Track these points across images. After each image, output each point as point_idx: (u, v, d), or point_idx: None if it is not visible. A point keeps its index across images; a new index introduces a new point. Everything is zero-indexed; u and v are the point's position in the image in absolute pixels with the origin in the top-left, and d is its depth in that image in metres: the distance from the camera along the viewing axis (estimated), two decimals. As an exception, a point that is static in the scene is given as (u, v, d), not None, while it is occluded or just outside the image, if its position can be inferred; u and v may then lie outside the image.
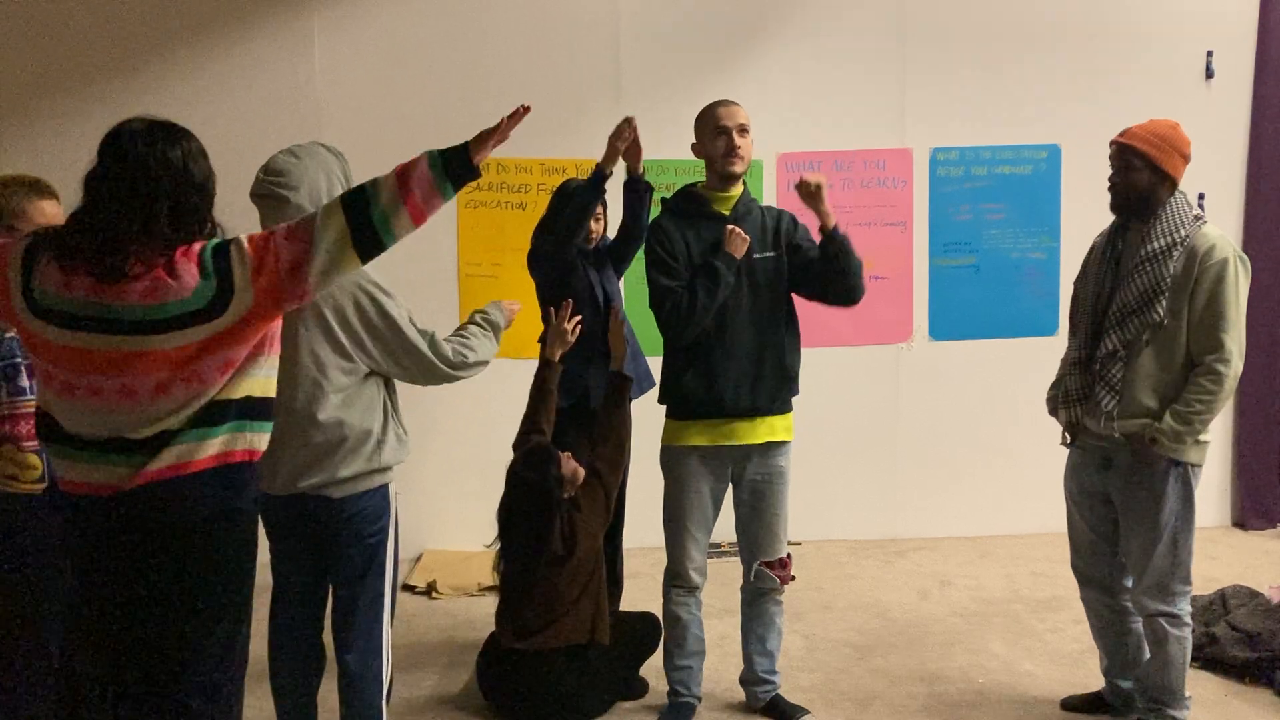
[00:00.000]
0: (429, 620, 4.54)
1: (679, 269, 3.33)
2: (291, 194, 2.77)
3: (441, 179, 2.29)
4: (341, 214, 2.24)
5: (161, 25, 5.14)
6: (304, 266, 2.21)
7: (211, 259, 2.19)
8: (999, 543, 5.41)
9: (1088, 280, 3.36)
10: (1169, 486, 3.16)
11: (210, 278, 2.17)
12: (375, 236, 2.26)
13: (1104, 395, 3.20)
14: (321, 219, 2.24)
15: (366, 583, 2.93)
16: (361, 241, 2.25)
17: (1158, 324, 3.11)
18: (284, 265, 2.20)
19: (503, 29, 5.27)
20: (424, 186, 2.28)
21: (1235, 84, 5.51)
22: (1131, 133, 3.21)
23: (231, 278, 2.18)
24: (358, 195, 2.27)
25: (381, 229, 2.26)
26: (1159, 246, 3.12)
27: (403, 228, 2.29)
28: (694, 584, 3.49)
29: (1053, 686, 3.78)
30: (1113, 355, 3.18)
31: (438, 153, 2.31)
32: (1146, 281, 3.12)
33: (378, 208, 2.25)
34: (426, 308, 5.23)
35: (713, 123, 3.35)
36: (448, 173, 2.30)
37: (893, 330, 5.53)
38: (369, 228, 2.25)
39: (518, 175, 5.28)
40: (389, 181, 2.27)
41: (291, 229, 2.25)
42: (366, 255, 2.27)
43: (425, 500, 5.24)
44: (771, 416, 3.43)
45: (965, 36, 5.42)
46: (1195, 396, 3.09)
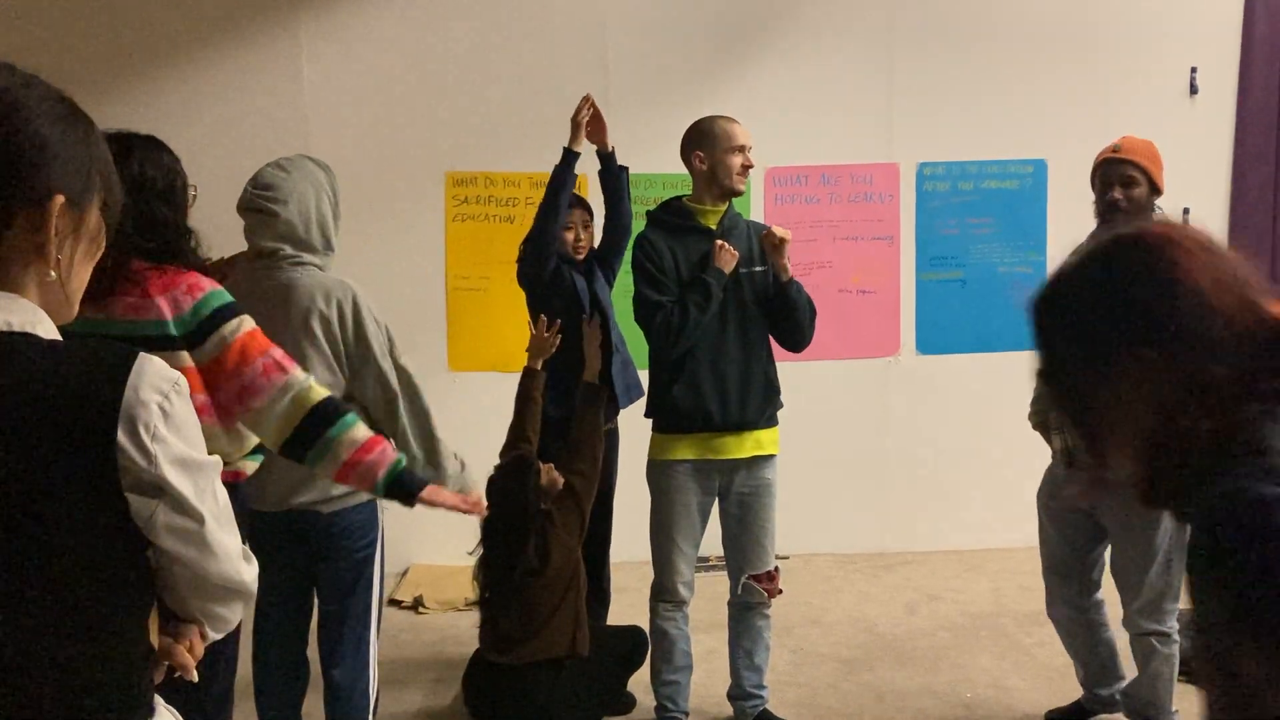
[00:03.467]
0: (415, 635, 4.52)
1: (667, 283, 3.33)
2: (280, 208, 2.76)
3: (381, 487, 2.33)
4: (299, 420, 2.27)
5: (147, 37, 5.13)
6: (248, 403, 2.25)
7: (209, 309, 2.23)
8: (987, 557, 5.41)
9: None
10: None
11: (196, 319, 2.20)
12: (300, 457, 2.30)
13: None
14: (291, 399, 2.26)
15: (354, 598, 2.92)
16: (289, 447, 2.29)
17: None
18: (240, 383, 2.24)
19: (491, 44, 5.28)
20: (366, 477, 2.31)
21: (1219, 100, 5.55)
22: (1128, 148, 3.23)
23: (209, 337, 2.23)
24: (326, 421, 2.28)
25: (310, 458, 2.29)
26: None
27: (322, 473, 2.35)
28: (681, 598, 3.48)
29: (1039, 700, 3.78)
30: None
31: (400, 469, 2.33)
32: None
33: (322, 449, 2.27)
34: (414, 321, 5.27)
35: (730, 139, 3.35)
36: (388, 487, 2.33)
37: (880, 344, 5.54)
38: (301, 449, 2.28)
39: (505, 188, 5.28)
40: (353, 444, 2.28)
41: (274, 368, 2.28)
42: (282, 453, 2.31)
43: (412, 514, 5.16)
44: (759, 430, 3.43)
45: (952, 52, 5.44)
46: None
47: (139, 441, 1.13)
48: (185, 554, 1.21)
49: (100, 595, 1.14)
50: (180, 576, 1.24)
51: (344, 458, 2.28)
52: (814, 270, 5.43)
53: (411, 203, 5.27)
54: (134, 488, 1.14)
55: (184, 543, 1.20)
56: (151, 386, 1.14)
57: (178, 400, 1.17)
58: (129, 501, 1.14)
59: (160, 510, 1.16)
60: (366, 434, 2.32)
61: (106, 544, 1.14)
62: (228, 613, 1.33)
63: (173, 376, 1.18)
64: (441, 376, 5.31)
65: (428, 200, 5.26)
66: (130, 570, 1.18)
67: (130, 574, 1.18)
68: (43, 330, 1.14)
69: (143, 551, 1.19)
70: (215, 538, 1.23)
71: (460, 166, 5.26)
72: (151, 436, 1.14)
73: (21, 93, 1.15)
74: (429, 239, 5.29)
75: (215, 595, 1.29)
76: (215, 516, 1.23)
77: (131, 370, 1.14)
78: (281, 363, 2.29)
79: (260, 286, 2.77)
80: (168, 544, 1.19)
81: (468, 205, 5.25)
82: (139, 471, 1.13)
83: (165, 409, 1.15)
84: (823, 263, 5.44)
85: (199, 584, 1.26)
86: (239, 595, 1.32)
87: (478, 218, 5.29)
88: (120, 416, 1.12)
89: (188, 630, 1.33)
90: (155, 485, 1.15)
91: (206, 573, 1.25)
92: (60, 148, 1.16)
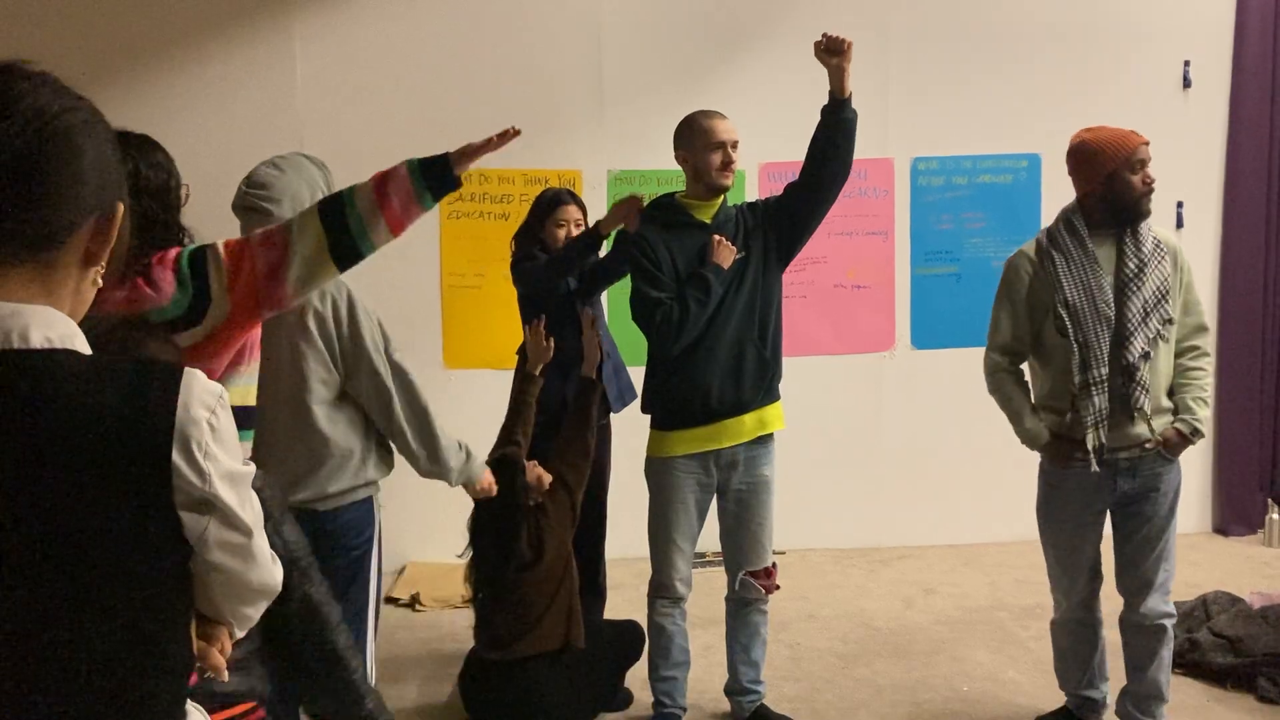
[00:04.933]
0: (412, 633, 4.52)
1: (665, 280, 3.33)
2: (274, 206, 2.75)
3: (421, 188, 2.26)
4: (318, 221, 2.22)
5: (140, 35, 5.13)
6: (280, 273, 2.19)
7: (188, 267, 2.18)
8: (983, 550, 5.42)
9: (1085, 293, 3.16)
10: (1177, 489, 3.24)
11: (187, 286, 2.16)
12: (353, 245, 2.23)
13: (1140, 396, 3.13)
14: (298, 226, 2.22)
15: (350, 595, 2.91)
16: (339, 250, 2.22)
17: (1170, 320, 3.16)
18: (260, 272, 2.18)
19: (485, 41, 5.27)
20: (402, 195, 2.24)
21: (1212, 93, 5.57)
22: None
23: (208, 285, 2.17)
24: (334, 203, 2.24)
25: (359, 238, 2.23)
26: (1151, 246, 3.17)
27: (380, 237, 2.26)
28: (679, 595, 3.48)
29: (1036, 694, 3.79)
30: (1145, 356, 3.14)
31: (417, 161, 2.27)
32: (1159, 278, 3.15)
33: (355, 216, 2.22)
34: (409, 319, 5.27)
35: (708, 136, 3.34)
36: (427, 182, 2.27)
37: (875, 339, 5.55)
38: (346, 236, 2.22)
39: (500, 185, 5.28)
40: (366, 189, 2.24)
41: (268, 235, 2.23)
42: (344, 264, 2.25)
43: (409, 512, 5.21)
44: (759, 409, 3.42)
45: (946, 47, 5.45)
46: (1205, 380, 3.21)
47: (193, 460, 1.13)
48: (231, 565, 1.22)
49: (149, 609, 1.14)
50: (218, 584, 1.24)
51: (373, 198, 2.21)
52: (808, 266, 5.44)
53: (406, 200, 5.25)
54: (186, 505, 1.14)
55: (231, 555, 1.21)
56: (201, 403, 1.15)
57: (223, 414, 1.18)
58: (182, 519, 1.14)
59: (212, 526, 1.17)
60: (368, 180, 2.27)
61: (157, 560, 1.14)
62: (255, 612, 1.34)
63: (217, 390, 1.18)
64: (437, 374, 5.31)
65: (422, 198, 5.25)
66: (175, 582, 1.18)
67: (175, 585, 1.18)
68: (80, 344, 1.14)
69: (186, 562, 1.19)
70: (258, 546, 1.24)
71: (454, 164, 5.25)
72: (204, 454, 1.14)
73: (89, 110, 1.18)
74: (424, 236, 5.27)
75: (250, 599, 1.30)
76: (256, 525, 1.23)
77: (181, 388, 1.14)
78: (266, 231, 2.23)
79: (256, 285, 2.76)
80: (216, 557, 1.19)
81: (462, 203, 5.25)
82: (192, 489, 1.14)
83: (213, 424, 1.16)
84: (817, 258, 5.44)
85: (238, 590, 1.26)
86: (268, 596, 1.33)
87: (472, 215, 5.29)
88: (175, 437, 1.12)
89: (219, 632, 1.34)
90: (207, 502, 1.15)
91: (248, 580, 1.25)
92: (115, 158, 1.19)
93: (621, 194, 5.24)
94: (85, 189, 1.14)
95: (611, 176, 5.34)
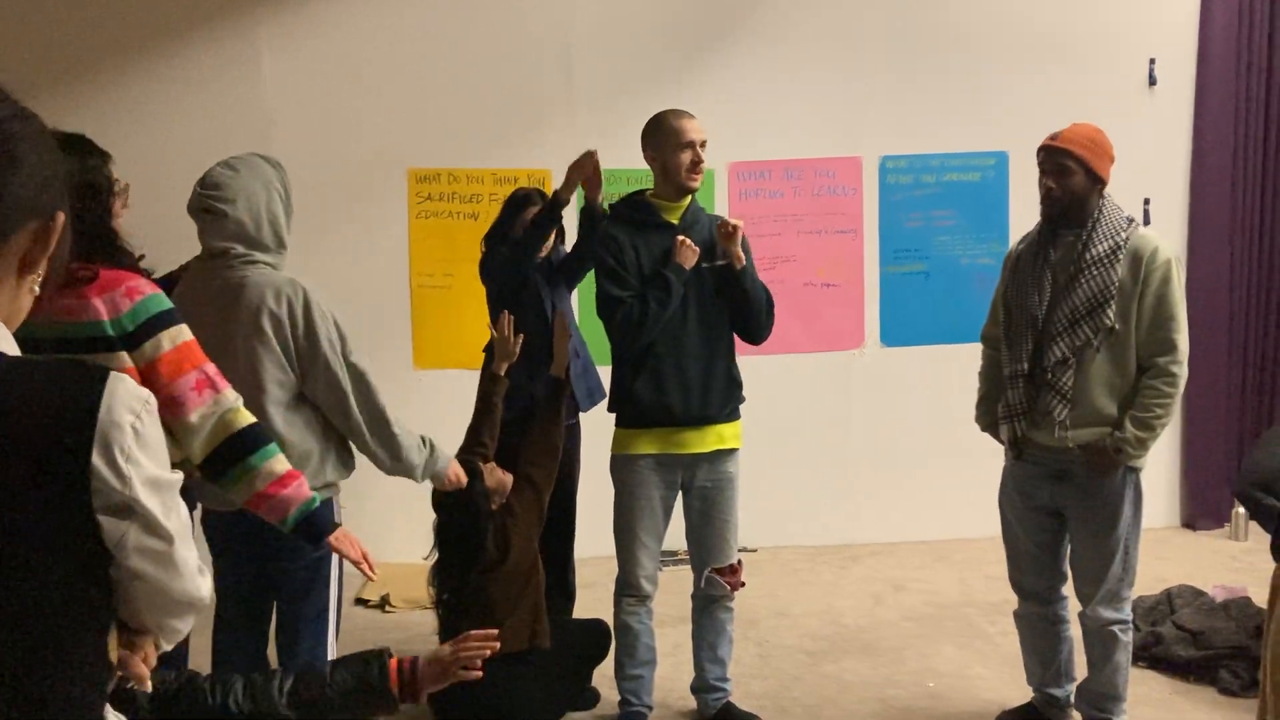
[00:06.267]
0: (381, 634, 4.50)
1: (629, 278, 3.33)
2: (229, 208, 2.74)
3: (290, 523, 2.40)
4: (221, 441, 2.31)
5: (105, 37, 5.09)
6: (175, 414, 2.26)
7: (148, 314, 2.24)
8: (954, 547, 5.44)
9: (1020, 291, 3.26)
10: (1125, 496, 3.16)
11: (134, 322, 2.21)
12: (217, 477, 2.33)
13: (1056, 404, 3.13)
14: (217, 420, 2.30)
15: (311, 598, 2.91)
16: (208, 465, 2.33)
17: (1109, 329, 3.07)
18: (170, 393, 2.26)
19: (455, 40, 5.26)
20: (276, 510, 2.38)
21: (1177, 91, 5.60)
22: (1065, 136, 3.14)
23: (144, 342, 2.24)
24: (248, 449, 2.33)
25: (226, 481, 2.34)
26: (1102, 251, 3.09)
27: (234, 497, 2.38)
28: (645, 593, 3.49)
29: (1003, 689, 3.81)
30: (1063, 363, 3.12)
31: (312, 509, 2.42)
32: (1095, 286, 3.08)
33: (238, 474, 2.33)
34: (378, 319, 5.25)
35: (677, 136, 3.33)
36: (296, 526, 2.41)
37: (845, 337, 5.56)
38: (219, 470, 2.33)
39: (469, 185, 5.27)
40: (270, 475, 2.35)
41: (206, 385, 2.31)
42: (201, 469, 2.34)
43: (379, 513, 5.20)
44: (720, 425, 3.44)
45: (914, 46, 5.47)
46: (1155, 401, 3.07)
47: (114, 463, 1.12)
48: (152, 573, 1.21)
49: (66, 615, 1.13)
50: (141, 593, 1.23)
51: (259, 488, 2.34)
52: (778, 264, 5.45)
53: (374, 200, 5.25)
54: (106, 509, 1.13)
55: (152, 562, 1.20)
56: (125, 406, 1.14)
57: (149, 419, 1.17)
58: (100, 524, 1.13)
59: (131, 531, 1.16)
60: (285, 467, 2.38)
61: (73, 564, 1.13)
62: (182, 625, 1.33)
63: (144, 395, 1.17)
64: (406, 375, 5.30)
65: (391, 197, 5.24)
66: (94, 589, 1.17)
67: (94, 592, 1.17)
68: (6, 346, 1.14)
69: (106, 569, 1.18)
70: (181, 555, 1.23)
71: (423, 163, 5.24)
72: (126, 458, 1.13)
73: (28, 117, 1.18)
74: (392, 236, 5.27)
75: (174, 610, 1.29)
76: (180, 534, 1.22)
77: (105, 390, 1.13)
78: (214, 380, 2.31)
79: (211, 286, 2.75)
80: (136, 564, 1.18)
81: (431, 202, 5.24)
82: (111, 493, 1.13)
83: (138, 429, 1.14)
84: (787, 256, 5.45)
85: (160, 600, 1.25)
86: (195, 608, 1.32)
87: (441, 215, 5.28)
88: (95, 438, 1.11)
89: (143, 642, 1.33)
90: (127, 507, 1.14)
91: (169, 590, 1.24)
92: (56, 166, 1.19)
93: (590, 193, 5.29)
94: (24, 195, 1.13)
95: (581, 176, 5.33)
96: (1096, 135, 3.18)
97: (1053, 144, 3.16)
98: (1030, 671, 3.52)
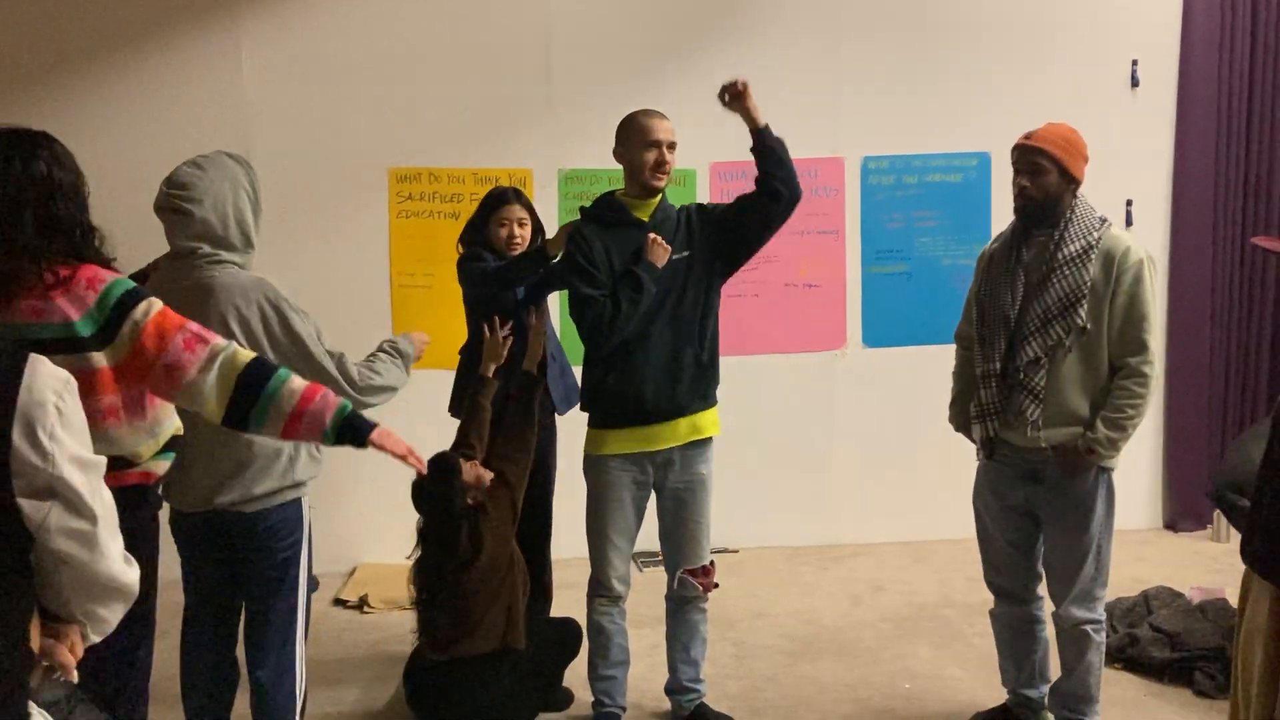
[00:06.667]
0: (358, 634, 4.49)
1: (600, 277, 3.32)
2: (195, 207, 2.73)
3: (330, 434, 2.31)
4: (234, 384, 2.26)
5: (84, 32, 5.07)
6: (177, 378, 2.23)
7: (114, 299, 2.20)
8: (934, 548, 5.43)
9: (993, 290, 3.27)
10: (1098, 496, 3.16)
11: (103, 312, 2.18)
12: (244, 420, 2.29)
13: (1028, 404, 3.13)
14: (221, 365, 2.25)
15: (279, 598, 2.90)
16: (232, 414, 2.28)
17: (1081, 329, 3.07)
18: (164, 363, 2.22)
19: (436, 40, 5.24)
20: (311, 425, 2.30)
21: (1160, 92, 5.59)
22: (1040, 135, 3.13)
23: (121, 327, 2.19)
24: (261, 379, 2.28)
25: (255, 420, 2.29)
26: (1075, 250, 3.09)
27: (269, 431, 2.33)
28: (617, 593, 3.48)
29: (978, 690, 3.81)
30: (1035, 363, 3.12)
31: (348, 413, 2.32)
32: (1067, 286, 3.08)
33: (265, 403, 2.27)
34: (358, 319, 5.23)
35: (644, 135, 3.34)
36: (340, 430, 2.32)
37: (827, 337, 5.56)
38: (245, 411, 2.28)
39: (451, 185, 5.26)
40: (293, 395, 2.28)
41: (195, 340, 2.26)
42: (226, 421, 2.29)
43: (359, 513, 5.20)
44: (694, 414, 3.42)
45: (896, 45, 5.46)
46: (1126, 401, 3.07)
47: (36, 442, 1.12)
48: (76, 555, 1.20)
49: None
50: (66, 578, 1.22)
51: (288, 409, 2.27)
52: (760, 265, 5.42)
53: (355, 199, 5.24)
54: (27, 491, 1.12)
55: (76, 543, 1.19)
56: (47, 386, 1.13)
57: (70, 399, 1.16)
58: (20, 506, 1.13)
59: (54, 512, 1.15)
60: (304, 383, 2.32)
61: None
62: (109, 614, 1.32)
63: (64, 375, 1.17)
64: (387, 374, 5.28)
65: (371, 197, 5.23)
66: (14, 574, 1.16)
67: (14, 578, 1.16)
68: None
69: (26, 554, 1.17)
70: (104, 538, 1.22)
71: (403, 162, 5.23)
72: (49, 436, 1.12)
73: None
74: (373, 236, 5.26)
75: (100, 596, 1.28)
76: (104, 517, 1.22)
77: (25, 370, 1.12)
78: (200, 334, 2.28)
79: (179, 286, 2.74)
80: (59, 545, 1.17)
81: (411, 202, 5.23)
82: (34, 474, 1.12)
83: (60, 408, 1.14)
84: (768, 257, 5.41)
85: (85, 585, 1.24)
86: (122, 596, 1.31)
87: (422, 214, 5.26)
88: (16, 417, 1.10)
89: (69, 631, 1.32)
90: (49, 487, 1.13)
91: (95, 573, 1.23)
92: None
93: (572, 193, 5.28)
94: None
95: (562, 175, 5.33)
96: (1071, 134, 3.17)
97: (1027, 143, 3.15)
98: (1005, 672, 3.52)
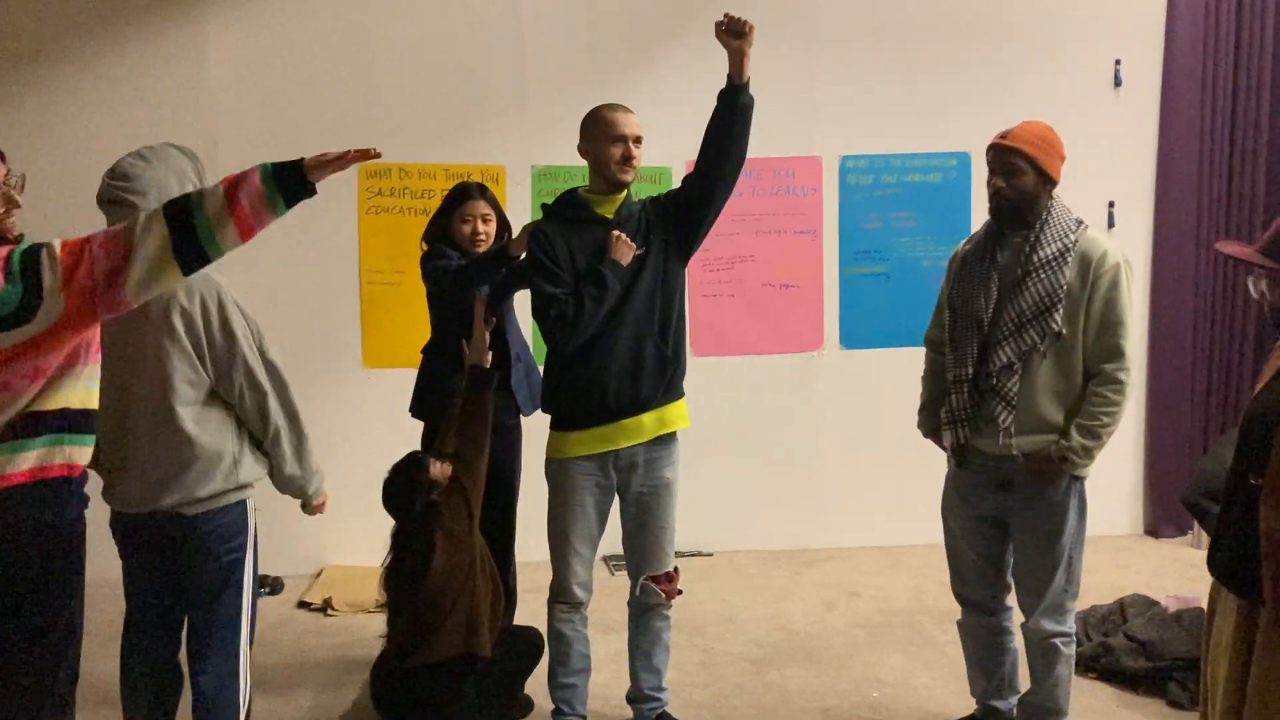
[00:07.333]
0: (319, 638, 4.41)
1: (563, 276, 3.24)
2: (139, 199, 2.65)
3: (273, 193, 2.20)
4: (164, 223, 2.15)
5: (47, 25, 4.98)
6: (119, 277, 2.12)
7: (19, 264, 2.10)
8: (911, 552, 5.35)
9: (965, 293, 3.18)
10: (1069, 506, 3.08)
11: (17, 283, 2.09)
12: (199, 249, 2.17)
13: (1000, 411, 3.04)
14: (142, 227, 2.15)
15: (222, 602, 2.82)
16: (184, 253, 2.16)
17: (1056, 334, 2.99)
18: (99, 274, 2.11)
19: (406, 33, 5.17)
20: (254, 200, 2.18)
21: (1143, 92, 5.53)
22: (1015, 135, 3.04)
23: (40, 284, 2.10)
24: (182, 204, 2.18)
25: (206, 241, 2.17)
26: (1051, 253, 3.01)
27: (229, 241, 2.20)
28: (578, 600, 3.39)
29: (947, 699, 3.74)
30: (1008, 368, 3.03)
31: (271, 166, 2.21)
32: (1042, 289, 3.00)
33: (202, 218, 2.16)
34: (327, 317, 5.16)
35: (609, 129, 3.25)
36: (280, 187, 2.20)
37: (803, 339, 5.48)
38: (193, 239, 2.15)
39: (421, 180, 5.18)
40: (216, 193, 2.18)
41: (110, 236, 2.16)
42: (189, 267, 2.18)
43: (326, 515, 5.05)
44: (660, 408, 3.33)
45: (875, 44, 5.39)
46: (1101, 409, 2.98)
47: None
48: None
49: None
50: None
51: (222, 203, 2.15)
52: (737, 264, 5.38)
53: (323, 195, 5.02)
54: None
55: None
56: None
57: None
58: None
59: None
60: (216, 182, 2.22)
61: None
62: None
63: None
64: (355, 373, 5.22)
65: (340, 192, 5.13)
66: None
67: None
68: None
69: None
70: None
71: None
72: None
73: None
74: (342, 232, 5.17)
75: None
76: None
77: None
78: (108, 233, 2.16)
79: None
80: None
81: (381, 198, 5.14)
82: None
83: None
84: (745, 256, 5.38)
85: None
86: None
87: (392, 210, 5.18)
88: None
89: None
90: None
91: None
92: None
93: (545, 190, 5.19)
94: None
95: (535, 171, 5.25)
96: (1047, 133, 3.09)
97: (1002, 142, 3.06)
98: (973, 682, 3.44)
